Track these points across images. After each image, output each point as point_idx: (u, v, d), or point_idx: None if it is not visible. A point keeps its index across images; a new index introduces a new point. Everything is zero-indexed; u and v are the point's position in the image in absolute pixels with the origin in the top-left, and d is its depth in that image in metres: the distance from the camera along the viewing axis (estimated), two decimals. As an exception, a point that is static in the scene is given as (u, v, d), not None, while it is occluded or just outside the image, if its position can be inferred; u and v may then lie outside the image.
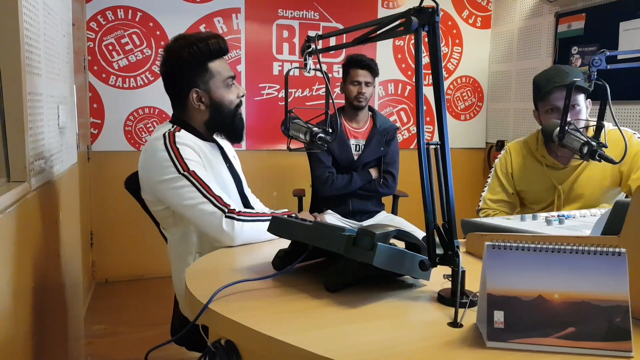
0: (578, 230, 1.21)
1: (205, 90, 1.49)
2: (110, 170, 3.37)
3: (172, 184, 1.36)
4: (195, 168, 1.38)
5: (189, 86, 1.48)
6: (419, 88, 0.90)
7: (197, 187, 1.35)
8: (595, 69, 1.40)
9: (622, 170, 1.76)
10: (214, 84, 1.50)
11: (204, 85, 1.49)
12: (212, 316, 0.86)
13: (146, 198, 1.49)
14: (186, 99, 1.50)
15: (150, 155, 1.42)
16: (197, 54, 1.45)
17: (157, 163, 1.38)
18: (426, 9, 0.86)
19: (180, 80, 1.49)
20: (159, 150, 1.39)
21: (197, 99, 1.49)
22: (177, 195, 1.36)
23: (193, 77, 1.47)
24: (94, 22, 3.25)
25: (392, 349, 0.72)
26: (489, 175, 1.98)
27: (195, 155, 1.43)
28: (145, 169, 1.44)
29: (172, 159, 1.37)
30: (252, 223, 1.34)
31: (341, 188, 2.53)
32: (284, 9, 3.63)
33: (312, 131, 1.47)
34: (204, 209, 1.34)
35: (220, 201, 1.35)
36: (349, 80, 2.57)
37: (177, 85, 1.50)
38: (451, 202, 0.89)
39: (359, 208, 2.61)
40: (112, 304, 3.10)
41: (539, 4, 3.67)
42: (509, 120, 4.02)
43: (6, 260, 1.08)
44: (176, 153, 1.38)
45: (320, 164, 2.52)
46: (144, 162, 1.44)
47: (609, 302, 0.70)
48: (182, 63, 1.46)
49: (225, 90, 1.52)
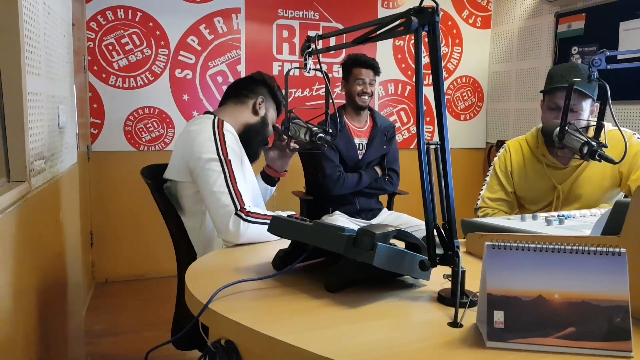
0: (578, 230, 1.21)
1: (267, 107, 1.70)
2: (110, 170, 3.37)
3: (208, 164, 1.42)
4: (232, 157, 1.45)
5: (261, 93, 1.69)
6: (419, 88, 0.90)
7: (226, 175, 1.41)
8: (595, 69, 1.40)
9: (621, 171, 1.76)
10: (272, 113, 1.73)
11: (268, 103, 1.71)
12: (212, 316, 0.86)
13: (180, 179, 1.53)
14: (250, 99, 1.67)
15: (196, 133, 1.48)
16: (278, 92, 1.73)
17: (202, 141, 1.45)
18: (426, 9, 0.86)
19: (258, 85, 1.70)
20: (207, 130, 1.47)
21: (260, 105, 1.67)
22: (207, 177, 1.42)
23: (267, 94, 1.71)
24: (94, 22, 3.25)
25: (392, 349, 0.72)
26: (488, 173, 1.97)
27: (236, 146, 1.52)
28: (187, 146, 1.49)
29: (216, 141, 1.45)
30: (257, 225, 1.36)
31: (351, 187, 2.54)
32: (284, 9, 3.63)
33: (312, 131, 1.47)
34: (221, 199, 1.38)
35: (239, 197, 1.39)
36: (352, 79, 2.56)
37: (253, 87, 1.69)
38: (451, 202, 0.89)
39: (365, 207, 2.63)
40: (112, 304, 3.10)
41: (539, 4, 3.67)
42: (509, 120, 4.02)
43: (6, 260, 1.08)
44: (222, 137, 1.47)
45: (331, 163, 2.51)
46: (187, 139, 1.50)
47: (609, 302, 0.70)
48: (268, 82, 1.71)
49: (271, 125, 1.74)
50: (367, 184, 2.57)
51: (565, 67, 1.80)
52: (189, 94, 3.49)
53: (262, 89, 1.69)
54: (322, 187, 2.54)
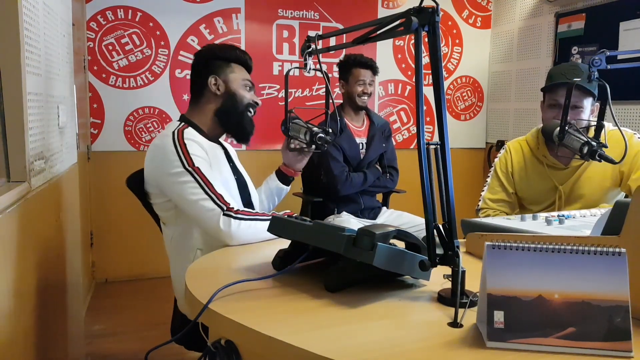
0: (578, 230, 1.21)
1: (224, 80, 1.59)
2: (110, 170, 3.36)
3: (177, 178, 1.40)
4: (200, 164, 1.42)
5: (210, 72, 1.59)
6: (419, 88, 0.90)
7: (200, 183, 1.38)
8: (595, 69, 1.39)
9: (622, 171, 1.76)
10: (233, 78, 1.60)
11: (224, 75, 1.59)
12: (212, 316, 0.86)
13: (150, 191, 1.52)
14: (204, 86, 1.59)
15: (159, 149, 1.46)
16: (224, 52, 1.61)
17: (165, 156, 1.43)
18: (426, 9, 0.86)
19: (203, 67, 1.60)
20: (168, 144, 1.44)
21: (214, 85, 1.58)
22: (181, 190, 1.39)
23: (215, 67, 1.59)
24: (94, 22, 3.25)
25: (392, 349, 0.72)
26: (489, 174, 1.97)
27: (201, 152, 1.47)
28: (152, 162, 1.48)
29: (179, 154, 1.41)
30: (249, 222, 1.35)
31: (358, 186, 2.56)
32: (284, 9, 3.63)
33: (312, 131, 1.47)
34: (204, 206, 1.36)
35: (220, 199, 1.37)
36: (353, 80, 2.58)
37: (200, 72, 1.60)
38: (451, 202, 0.89)
39: (368, 205, 2.65)
40: (112, 304, 3.10)
41: (539, 4, 3.67)
42: (509, 120, 4.02)
43: (6, 260, 1.08)
44: (183, 148, 1.43)
45: (338, 163, 2.51)
46: (152, 156, 1.48)
47: (609, 302, 0.70)
48: (209, 54, 1.61)
49: (242, 88, 1.62)
50: (372, 182, 2.59)
51: (565, 66, 1.80)
52: (189, 94, 3.47)
53: (209, 66, 1.60)
54: (329, 187, 2.52)
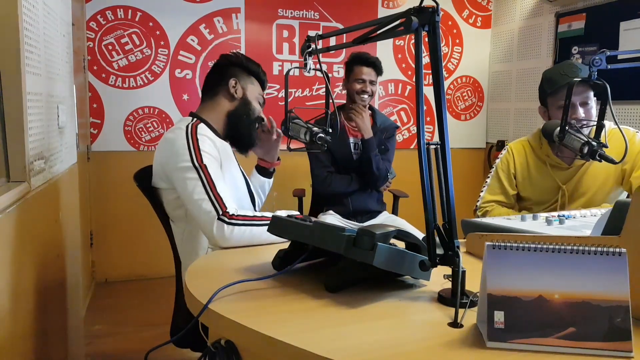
0: (578, 230, 1.21)
1: (243, 87, 1.65)
2: (110, 170, 3.36)
3: (183, 173, 1.41)
4: (209, 162, 1.42)
5: (232, 75, 1.63)
6: (419, 88, 0.90)
7: (204, 182, 1.39)
8: (595, 69, 1.39)
9: (625, 169, 1.76)
10: (251, 89, 1.67)
11: (243, 83, 1.65)
12: (212, 316, 0.86)
13: (161, 186, 1.52)
14: (223, 86, 1.62)
15: (171, 141, 1.47)
16: (250, 64, 1.67)
17: (176, 150, 1.43)
18: (426, 9, 0.86)
19: (226, 70, 1.64)
20: (180, 137, 1.45)
21: (234, 88, 1.62)
22: (185, 186, 1.40)
23: (238, 73, 1.65)
24: (93, 22, 3.25)
25: (392, 349, 0.72)
26: (489, 175, 1.97)
27: (213, 149, 1.48)
28: (163, 155, 1.48)
29: (190, 148, 1.42)
30: (244, 227, 1.33)
31: (340, 189, 2.51)
32: (284, 9, 3.63)
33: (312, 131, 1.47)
34: (202, 206, 1.36)
35: (219, 201, 1.36)
36: (352, 78, 2.52)
37: (222, 72, 1.64)
38: (451, 202, 0.89)
39: (360, 207, 2.57)
40: (112, 304, 3.10)
41: (539, 4, 3.67)
42: (509, 120, 4.02)
43: (6, 260, 1.08)
44: (195, 144, 1.44)
45: (319, 163, 2.51)
46: (163, 148, 1.49)
47: (609, 302, 0.70)
48: (236, 60, 1.66)
49: (256, 100, 1.68)
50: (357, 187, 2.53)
51: (561, 66, 1.79)
52: (188, 94, 3.49)
53: (231, 70, 1.64)
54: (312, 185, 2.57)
